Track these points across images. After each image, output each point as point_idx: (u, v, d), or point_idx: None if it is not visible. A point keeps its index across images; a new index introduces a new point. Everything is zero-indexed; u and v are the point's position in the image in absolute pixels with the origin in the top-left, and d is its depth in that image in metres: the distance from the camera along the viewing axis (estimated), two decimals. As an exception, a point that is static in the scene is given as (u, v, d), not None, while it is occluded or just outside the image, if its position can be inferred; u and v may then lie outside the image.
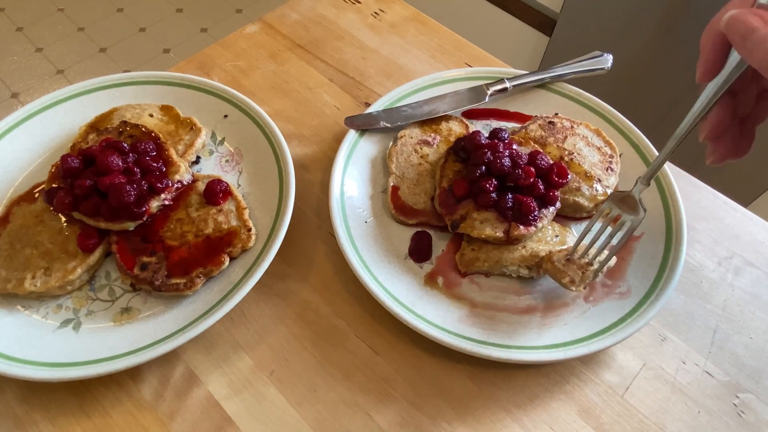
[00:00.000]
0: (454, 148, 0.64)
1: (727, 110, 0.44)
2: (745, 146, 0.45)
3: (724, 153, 0.45)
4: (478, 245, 0.59)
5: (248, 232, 0.58)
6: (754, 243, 0.64)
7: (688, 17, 1.14)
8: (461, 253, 0.60)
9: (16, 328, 0.54)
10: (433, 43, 0.85)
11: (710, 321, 0.59)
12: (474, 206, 0.59)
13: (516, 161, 0.59)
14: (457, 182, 0.60)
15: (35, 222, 0.59)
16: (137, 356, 0.51)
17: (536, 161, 0.61)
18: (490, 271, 0.59)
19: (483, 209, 0.59)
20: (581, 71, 0.73)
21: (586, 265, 0.54)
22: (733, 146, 0.45)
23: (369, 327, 0.58)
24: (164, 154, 0.62)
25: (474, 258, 0.59)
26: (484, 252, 0.59)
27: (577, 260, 0.54)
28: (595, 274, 0.53)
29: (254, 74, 0.80)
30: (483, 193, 0.59)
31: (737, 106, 0.44)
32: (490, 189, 0.58)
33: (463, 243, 0.61)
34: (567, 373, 0.55)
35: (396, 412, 0.53)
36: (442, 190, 0.61)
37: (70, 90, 0.70)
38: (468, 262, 0.59)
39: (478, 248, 0.59)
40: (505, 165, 0.59)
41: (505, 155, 0.59)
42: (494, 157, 0.59)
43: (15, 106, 2.11)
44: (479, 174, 0.59)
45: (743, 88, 0.44)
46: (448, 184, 0.62)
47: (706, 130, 0.45)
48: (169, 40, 2.38)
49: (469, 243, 0.60)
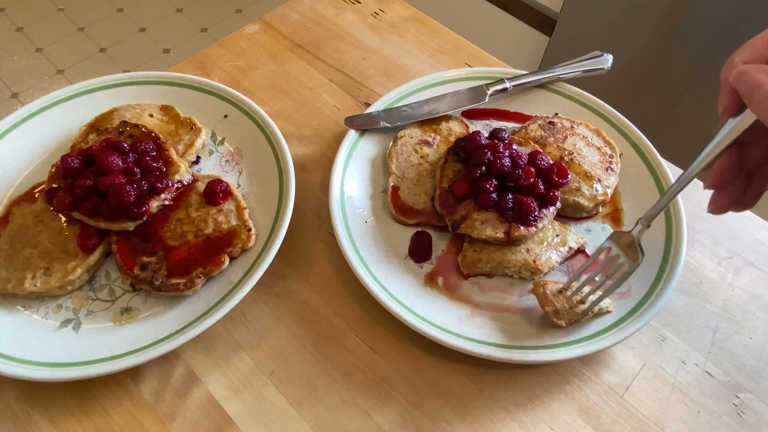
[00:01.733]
0: (454, 149, 0.64)
1: (734, 161, 0.43)
2: (750, 200, 0.44)
3: (725, 204, 0.45)
4: (480, 246, 0.59)
5: (248, 232, 0.58)
6: (754, 243, 0.64)
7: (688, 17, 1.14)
8: (463, 254, 0.60)
9: (16, 328, 0.54)
10: (433, 43, 0.85)
11: (710, 321, 0.59)
12: (474, 206, 0.59)
13: (516, 161, 0.59)
14: (457, 182, 0.60)
15: (35, 222, 0.59)
16: (137, 356, 0.51)
17: (536, 161, 0.61)
18: (493, 272, 0.59)
19: (483, 209, 0.59)
20: (581, 71, 0.73)
21: (577, 303, 0.53)
22: (737, 198, 0.44)
23: (369, 327, 0.57)
24: (164, 154, 0.62)
25: (476, 259, 0.59)
26: (486, 253, 0.59)
27: (568, 295, 0.54)
28: (584, 313, 0.53)
29: (254, 74, 0.80)
30: (483, 193, 0.59)
31: (746, 159, 0.44)
32: (490, 189, 0.58)
33: (465, 244, 0.61)
34: (567, 373, 0.55)
35: (396, 412, 0.53)
36: (442, 191, 0.61)
37: (70, 90, 0.70)
38: (470, 263, 0.59)
39: (480, 249, 0.59)
40: (505, 165, 0.59)
41: (505, 155, 0.59)
42: (494, 157, 0.59)
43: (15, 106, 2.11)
44: (479, 174, 0.59)
45: (753, 141, 0.43)
46: (448, 184, 0.62)
47: (710, 179, 0.44)
48: (169, 40, 2.38)
49: (471, 244, 0.60)
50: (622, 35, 1.27)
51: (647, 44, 1.24)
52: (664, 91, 1.30)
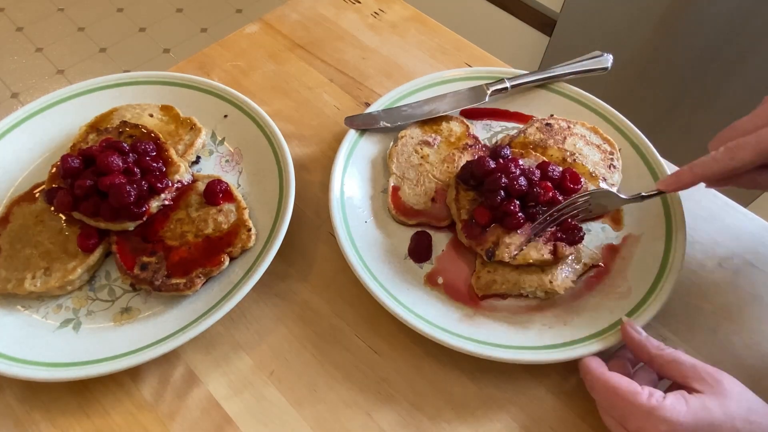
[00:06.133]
0: (462, 177, 0.61)
1: None
2: None
3: None
4: (494, 267, 0.57)
5: (248, 232, 0.58)
6: (754, 243, 0.64)
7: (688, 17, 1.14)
8: (477, 276, 0.58)
9: (16, 328, 0.54)
10: (433, 43, 0.85)
11: (710, 321, 0.59)
12: (503, 230, 0.57)
13: (531, 179, 0.58)
14: (478, 211, 0.58)
15: (35, 222, 0.59)
16: (137, 356, 0.51)
17: (548, 173, 0.60)
18: (508, 293, 0.57)
19: (514, 232, 0.57)
20: (581, 71, 0.72)
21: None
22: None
23: (369, 327, 0.58)
24: (164, 154, 0.62)
25: (491, 281, 0.57)
26: (500, 274, 0.57)
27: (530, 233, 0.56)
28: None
29: (254, 74, 0.80)
30: (509, 215, 0.57)
31: None
32: (515, 210, 0.56)
33: (478, 265, 0.59)
34: (567, 373, 0.55)
35: (396, 412, 0.53)
36: (464, 223, 0.59)
37: (70, 90, 0.70)
38: (485, 285, 0.57)
39: (494, 270, 0.57)
40: (522, 185, 0.57)
41: (518, 175, 0.57)
42: (510, 180, 0.57)
43: (15, 106, 2.11)
44: (500, 199, 0.57)
45: None
46: (468, 215, 0.59)
47: None
48: (169, 40, 2.38)
49: (485, 265, 0.58)
50: (622, 35, 1.27)
51: (647, 44, 1.24)
52: (664, 91, 1.30)
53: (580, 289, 0.58)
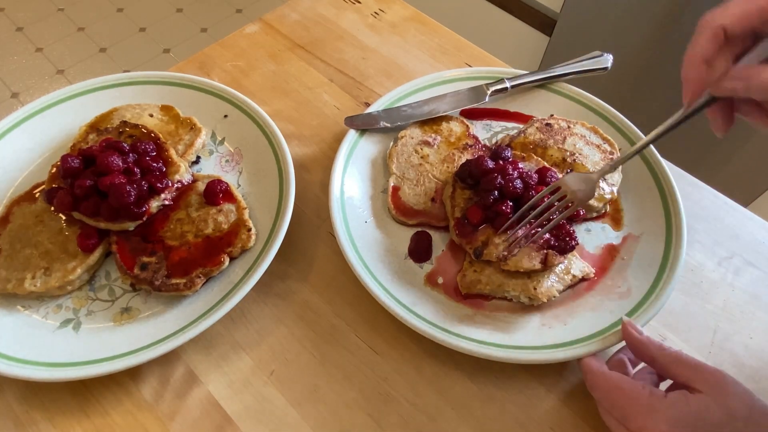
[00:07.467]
0: (460, 175, 0.61)
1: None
2: None
3: None
4: (481, 267, 0.58)
5: (248, 232, 0.58)
6: (754, 243, 0.64)
7: (688, 17, 1.14)
8: (462, 274, 0.58)
9: (16, 328, 0.54)
10: (433, 43, 0.85)
11: (710, 321, 0.59)
12: (493, 230, 0.57)
13: (527, 182, 0.58)
14: (471, 210, 0.58)
15: (35, 222, 0.59)
16: (137, 356, 0.51)
17: (546, 179, 0.59)
18: (492, 294, 0.58)
19: (503, 232, 0.57)
20: (581, 71, 0.72)
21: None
22: None
23: (369, 327, 0.58)
24: (164, 154, 0.62)
25: (475, 280, 0.57)
26: (486, 275, 0.57)
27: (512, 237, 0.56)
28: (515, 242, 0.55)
29: (254, 74, 0.80)
30: (501, 216, 0.57)
31: None
32: (507, 211, 0.56)
33: (465, 263, 0.59)
34: (567, 373, 0.55)
35: (396, 412, 0.53)
36: (457, 220, 0.59)
37: (70, 90, 0.70)
38: (469, 284, 0.57)
39: (480, 270, 0.57)
40: (517, 187, 0.57)
41: (515, 177, 0.57)
42: (506, 181, 0.57)
43: (15, 106, 2.11)
44: (493, 199, 0.57)
45: None
46: (461, 213, 0.59)
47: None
48: (169, 40, 2.38)
49: (472, 264, 0.58)
50: (622, 35, 1.27)
51: (647, 44, 1.25)
52: (664, 91, 1.30)
53: (580, 290, 0.58)
